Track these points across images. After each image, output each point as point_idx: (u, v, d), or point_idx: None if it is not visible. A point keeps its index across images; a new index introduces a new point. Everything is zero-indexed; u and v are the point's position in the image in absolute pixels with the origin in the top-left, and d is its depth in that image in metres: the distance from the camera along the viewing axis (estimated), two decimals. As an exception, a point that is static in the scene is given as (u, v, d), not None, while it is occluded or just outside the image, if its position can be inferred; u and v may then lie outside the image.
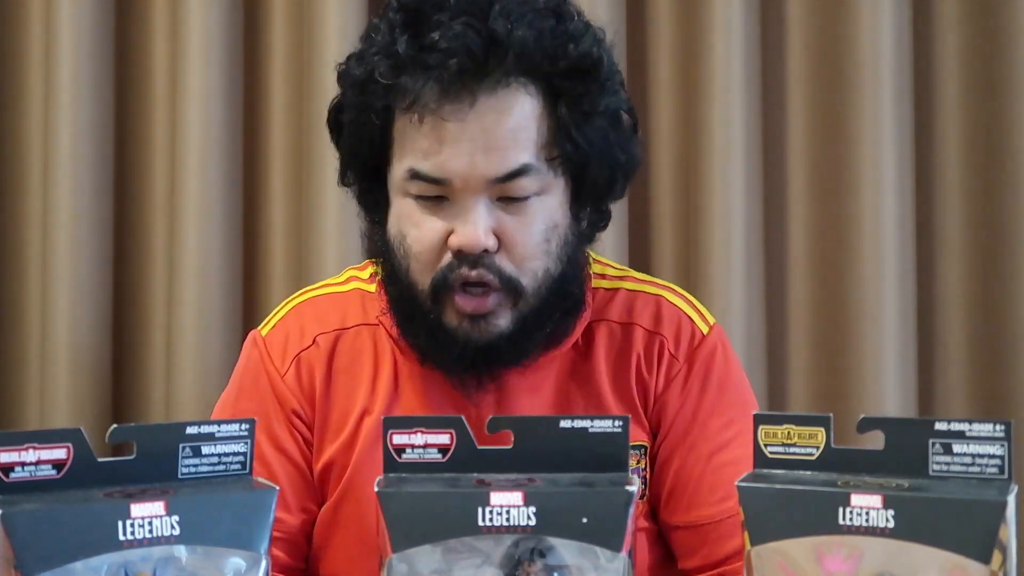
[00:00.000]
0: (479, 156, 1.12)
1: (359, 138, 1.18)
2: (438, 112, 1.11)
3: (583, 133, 1.15)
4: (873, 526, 0.76)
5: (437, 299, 1.17)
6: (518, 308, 1.16)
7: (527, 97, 1.13)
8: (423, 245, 1.16)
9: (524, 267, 1.16)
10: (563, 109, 1.14)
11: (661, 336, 1.25)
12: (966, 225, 1.83)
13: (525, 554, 0.79)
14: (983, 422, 0.78)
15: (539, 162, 1.14)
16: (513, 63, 1.11)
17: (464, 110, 1.11)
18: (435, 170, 1.13)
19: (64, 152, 1.83)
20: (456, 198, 1.14)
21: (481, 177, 1.12)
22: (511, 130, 1.12)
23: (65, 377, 1.82)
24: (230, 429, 0.81)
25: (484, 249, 1.13)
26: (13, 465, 0.75)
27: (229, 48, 1.84)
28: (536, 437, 0.84)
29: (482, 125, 1.11)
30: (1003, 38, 1.80)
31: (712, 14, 1.77)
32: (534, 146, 1.14)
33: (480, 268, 1.14)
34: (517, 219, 1.15)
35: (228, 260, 1.83)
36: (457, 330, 1.17)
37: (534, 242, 1.15)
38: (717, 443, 1.24)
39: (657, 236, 1.86)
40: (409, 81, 1.12)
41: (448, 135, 1.11)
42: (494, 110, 1.12)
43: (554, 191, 1.16)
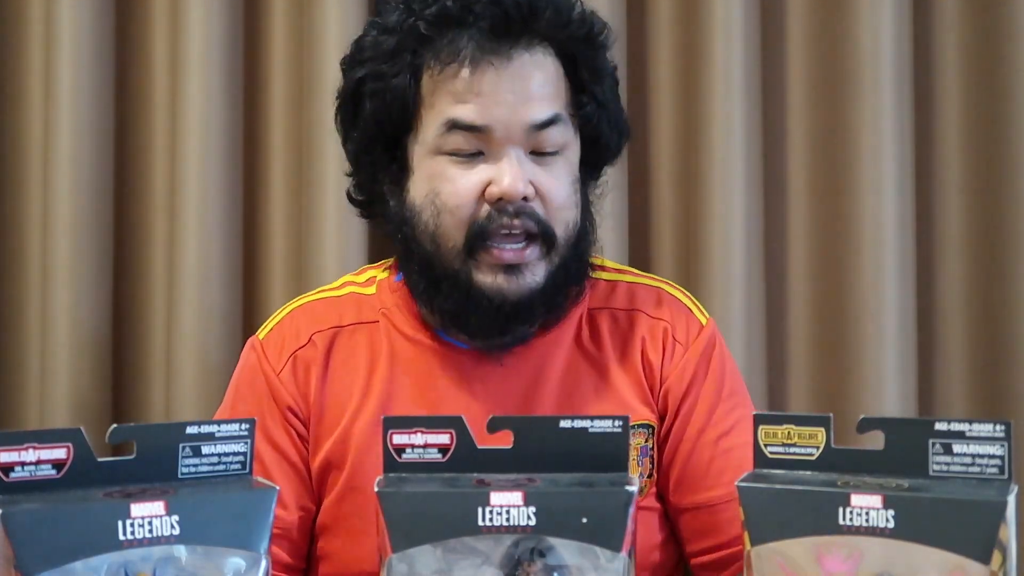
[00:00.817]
0: (518, 104, 1.20)
1: (384, 105, 1.23)
2: (479, 63, 1.19)
3: (598, 92, 1.26)
4: (873, 526, 0.76)
5: (472, 253, 1.21)
6: (550, 259, 1.23)
7: (552, 59, 1.23)
8: (460, 198, 1.20)
9: (557, 217, 1.22)
10: (583, 71, 1.25)
11: (664, 322, 1.30)
12: (966, 225, 1.83)
13: (525, 554, 0.79)
14: (983, 422, 0.78)
15: (566, 116, 1.24)
16: (544, 26, 1.22)
17: (503, 63, 1.20)
18: (478, 117, 1.20)
19: (64, 152, 1.83)
20: (492, 150, 1.20)
21: (521, 123, 1.20)
22: (543, 84, 1.22)
23: (65, 377, 1.82)
24: (230, 429, 0.81)
25: (523, 197, 1.19)
26: (13, 465, 0.75)
27: (229, 48, 1.84)
28: (536, 437, 0.84)
29: (519, 77, 1.20)
30: (1003, 38, 1.79)
31: (712, 14, 1.77)
32: (561, 100, 1.24)
33: (522, 217, 1.20)
34: (548, 171, 1.22)
35: (228, 260, 1.83)
36: (492, 286, 1.21)
37: (565, 193, 1.23)
38: (723, 428, 1.28)
39: (657, 236, 1.86)
40: (452, 34, 1.20)
41: (489, 84, 1.19)
42: (528, 65, 1.21)
43: (573, 149, 1.26)
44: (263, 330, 1.34)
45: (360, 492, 1.24)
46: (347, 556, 1.25)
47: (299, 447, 1.27)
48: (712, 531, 1.26)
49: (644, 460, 1.26)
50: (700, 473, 1.26)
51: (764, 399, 1.80)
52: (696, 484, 1.26)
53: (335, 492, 1.26)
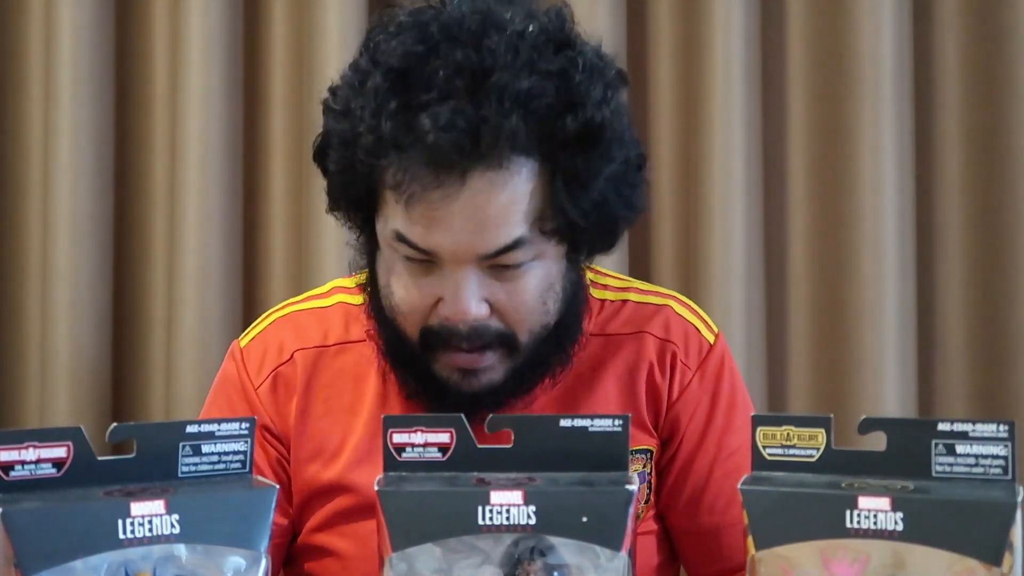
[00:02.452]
0: (469, 234, 1.06)
1: (344, 186, 1.12)
2: (425, 196, 1.04)
3: (578, 205, 1.08)
4: (881, 529, 0.75)
5: (427, 348, 1.13)
6: (512, 360, 1.13)
7: (521, 172, 1.06)
8: (411, 306, 1.11)
9: (520, 326, 1.11)
10: (559, 182, 1.07)
11: (672, 344, 1.23)
12: (966, 225, 1.83)
13: (525, 553, 0.79)
14: (986, 422, 0.78)
15: (532, 234, 1.08)
16: (505, 147, 1.04)
17: (454, 191, 1.04)
18: (423, 242, 1.07)
19: (64, 152, 1.83)
20: (445, 266, 1.08)
21: (470, 252, 1.07)
22: (503, 206, 1.06)
23: (65, 377, 1.82)
24: (230, 428, 0.81)
25: (474, 319, 1.09)
26: (13, 464, 0.75)
27: (229, 48, 1.84)
28: (536, 436, 0.84)
29: (473, 204, 1.05)
30: (1003, 38, 1.80)
31: (712, 14, 1.77)
32: (527, 220, 1.07)
33: (472, 335, 1.10)
34: (511, 285, 1.10)
35: (228, 260, 1.83)
36: (448, 380, 1.13)
37: (528, 307, 1.11)
38: (731, 449, 1.23)
39: (657, 236, 1.86)
40: (395, 160, 1.05)
41: (436, 215, 1.05)
42: (485, 189, 1.04)
43: (549, 255, 1.11)
44: (245, 336, 1.28)
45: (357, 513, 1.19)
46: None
47: (272, 464, 1.22)
48: (721, 554, 1.23)
49: (641, 487, 1.22)
50: (711, 495, 1.22)
51: (764, 399, 1.80)
52: (707, 506, 1.22)
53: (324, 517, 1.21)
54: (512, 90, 1.03)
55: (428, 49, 1.05)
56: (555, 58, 1.06)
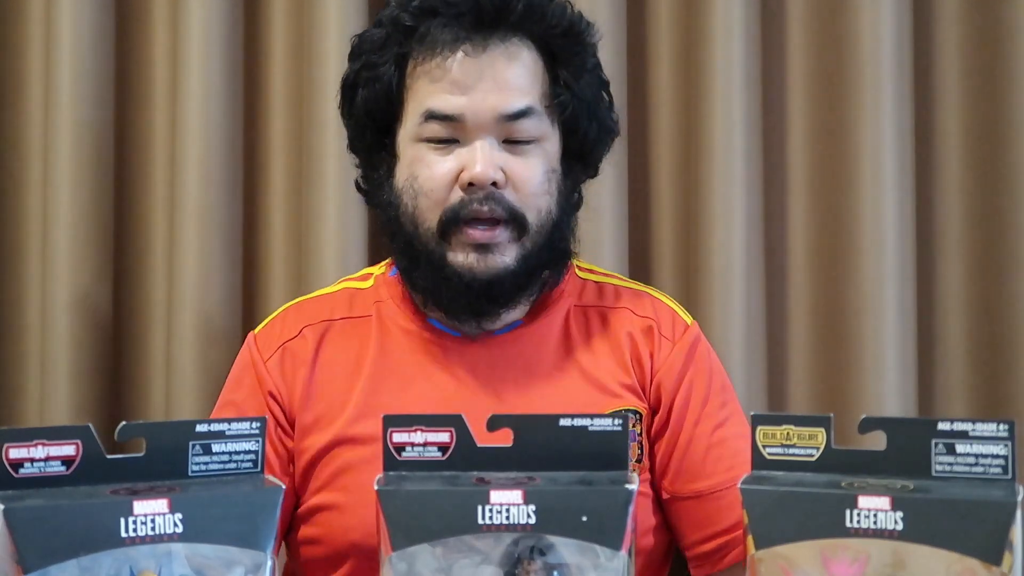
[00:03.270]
0: (490, 94, 1.25)
1: (374, 94, 1.29)
2: (454, 53, 1.25)
3: (577, 87, 1.29)
4: (881, 528, 0.75)
5: (445, 234, 1.26)
6: (522, 243, 1.27)
7: (529, 52, 1.28)
8: (435, 183, 1.26)
9: (529, 203, 1.27)
10: (560, 66, 1.29)
11: (650, 319, 1.35)
12: (966, 224, 1.83)
13: (525, 552, 0.79)
14: (986, 422, 0.78)
15: (540, 108, 1.27)
16: (518, 21, 1.26)
17: (478, 53, 1.25)
18: (450, 106, 1.25)
19: (64, 152, 1.83)
20: (466, 138, 1.26)
21: (491, 112, 1.25)
22: (518, 75, 1.27)
23: (65, 377, 1.82)
24: (241, 427, 0.81)
25: (493, 183, 1.24)
26: (23, 461, 0.75)
27: (229, 48, 1.84)
28: (536, 435, 0.84)
29: (493, 68, 1.25)
30: (1003, 37, 1.79)
31: (712, 14, 1.77)
32: (537, 93, 1.28)
33: (490, 203, 1.25)
34: (521, 160, 1.27)
35: (228, 260, 1.83)
36: (463, 265, 1.26)
37: (537, 181, 1.27)
38: (717, 419, 1.32)
39: (657, 236, 1.86)
40: (432, 25, 1.26)
41: (462, 73, 1.25)
42: (503, 56, 1.26)
43: (551, 140, 1.29)
44: (260, 326, 1.40)
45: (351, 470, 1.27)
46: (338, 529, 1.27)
47: (276, 432, 1.31)
48: (711, 519, 1.30)
49: (632, 445, 1.29)
50: (698, 461, 1.30)
51: (764, 399, 1.80)
52: (694, 473, 1.30)
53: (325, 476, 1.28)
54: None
55: None
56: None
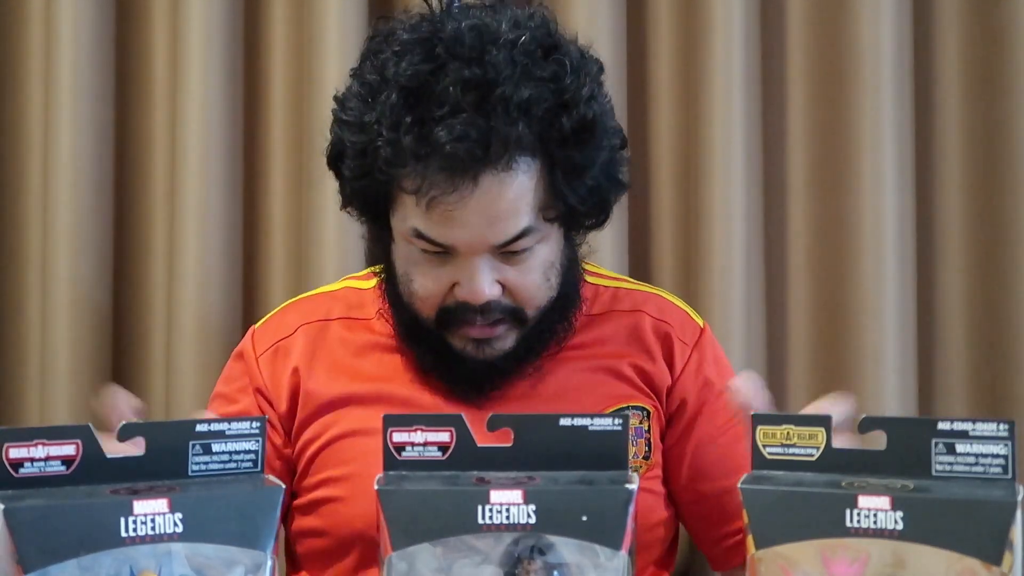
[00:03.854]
0: (482, 229, 1.18)
1: (361, 190, 1.24)
2: (442, 199, 1.16)
3: (576, 192, 1.21)
4: (881, 528, 0.75)
5: (443, 326, 1.25)
6: (522, 328, 1.25)
7: (524, 171, 1.18)
8: (428, 291, 1.23)
9: (528, 303, 1.24)
10: (558, 174, 1.20)
11: (667, 324, 1.34)
12: (966, 224, 1.83)
13: (525, 552, 0.79)
14: (986, 421, 0.78)
15: (537, 222, 1.21)
16: (512, 151, 1.16)
17: (468, 192, 1.16)
18: (439, 238, 1.19)
19: (64, 151, 1.83)
20: (460, 255, 1.20)
21: (484, 244, 1.19)
22: (511, 202, 1.18)
23: (65, 377, 1.82)
24: (241, 427, 0.81)
25: (488, 299, 1.21)
26: (23, 460, 0.75)
27: (229, 48, 1.84)
28: (536, 435, 0.84)
29: (485, 202, 1.17)
30: (1003, 37, 1.79)
31: (712, 14, 1.77)
32: (532, 211, 1.20)
33: (487, 313, 1.22)
34: (518, 268, 1.23)
35: (228, 260, 1.83)
36: (463, 351, 1.25)
37: (535, 284, 1.24)
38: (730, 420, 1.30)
39: (657, 236, 1.86)
40: (413, 170, 1.17)
41: (453, 214, 1.17)
42: (495, 189, 1.17)
43: (551, 237, 1.24)
44: (262, 320, 1.40)
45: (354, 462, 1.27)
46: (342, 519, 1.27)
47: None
48: (726, 517, 1.31)
49: (639, 441, 1.30)
50: (722, 458, 1.30)
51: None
52: (720, 469, 1.30)
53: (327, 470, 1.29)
54: (515, 100, 1.15)
55: (436, 67, 1.17)
56: (546, 64, 1.19)
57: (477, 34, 1.18)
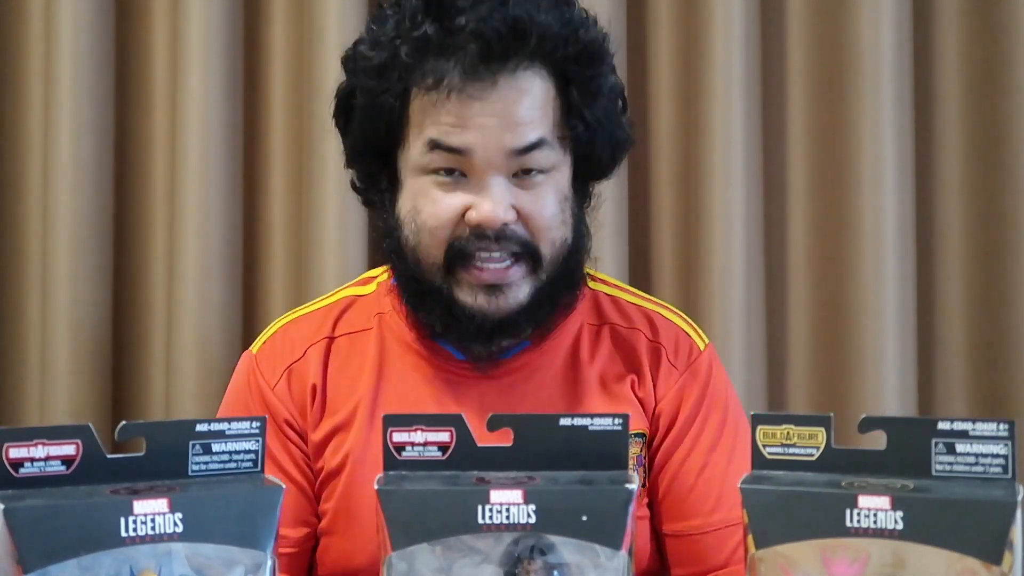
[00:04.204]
0: (500, 130, 1.16)
1: (373, 120, 1.20)
2: (463, 91, 1.14)
3: (591, 112, 1.20)
4: (881, 528, 0.75)
5: (451, 272, 1.19)
6: (537, 276, 1.20)
7: (541, 80, 1.18)
8: (439, 219, 1.18)
9: (543, 236, 1.19)
10: (574, 91, 1.19)
11: (660, 345, 1.29)
12: (966, 224, 1.83)
13: (525, 552, 0.79)
14: (986, 421, 0.78)
15: (552, 138, 1.19)
16: (532, 49, 1.16)
17: (487, 89, 1.15)
18: (458, 141, 1.16)
19: (64, 152, 1.83)
20: (474, 173, 1.17)
21: (501, 148, 1.16)
22: (529, 108, 1.17)
23: (65, 376, 1.82)
24: (241, 427, 0.81)
25: (503, 223, 1.16)
26: (23, 460, 0.75)
27: (229, 48, 1.84)
28: (536, 435, 0.84)
29: (504, 103, 1.16)
30: (1003, 37, 1.80)
31: (712, 14, 1.77)
32: (548, 123, 1.19)
33: (501, 242, 1.17)
34: (533, 194, 1.18)
35: (228, 260, 1.83)
36: (473, 305, 1.19)
37: (550, 213, 1.19)
38: (708, 458, 1.26)
39: (657, 236, 1.86)
40: (435, 62, 1.15)
41: (471, 111, 1.15)
42: (514, 90, 1.16)
43: (563, 167, 1.21)
44: (256, 344, 1.32)
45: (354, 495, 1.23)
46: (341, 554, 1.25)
47: (298, 462, 1.26)
48: (694, 558, 1.25)
49: (639, 469, 1.26)
50: (681, 499, 1.25)
51: (764, 399, 1.80)
52: (678, 511, 1.26)
53: (335, 497, 1.25)
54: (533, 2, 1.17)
55: None
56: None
57: None
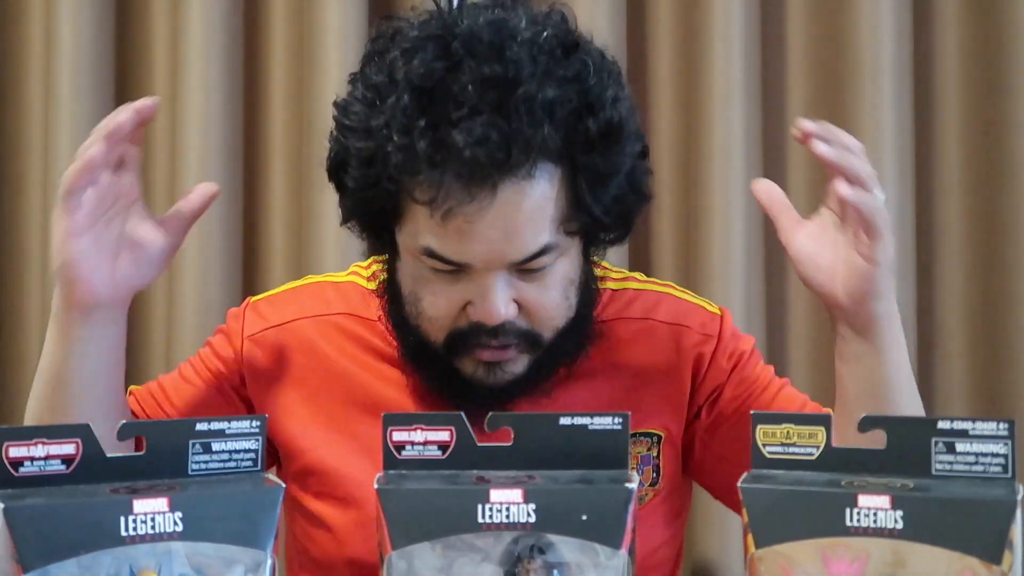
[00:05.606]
0: (499, 243, 1.08)
1: (366, 202, 1.13)
2: (459, 209, 1.06)
3: (600, 201, 1.11)
4: (881, 527, 0.75)
5: (452, 350, 1.16)
6: (534, 352, 1.16)
7: (546, 179, 1.09)
8: (439, 311, 1.14)
9: (545, 324, 1.15)
10: (582, 182, 1.10)
11: (683, 327, 1.26)
12: (966, 224, 1.83)
13: (525, 551, 0.79)
14: (986, 421, 0.78)
15: (557, 236, 1.11)
16: (536, 156, 1.06)
17: (485, 205, 1.06)
18: (454, 255, 1.10)
19: (64, 151, 1.83)
20: (474, 273, 1.11)
21: (502, 260, 1.10)
22: (531, 214, 1.09)
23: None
24: (241, 426, 0.81)
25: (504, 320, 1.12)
26: (23, 460, 0.75)
27: (229, 48, 1.84)
28: (536, 434, 0.84)
29: (503, 214, 1.07)
30: (1003, 38, 1.80)
31: (712, 14, 1.77)
32: (553, 224, 1.10)
33: (502, 336, 1.13)
34: (536, 286, 1.13)
35: (228, 258, 1.83)
36: (472, 376, 1.16)
37: (554, 304, 1.15)
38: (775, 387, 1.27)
39: (657, 236, 1.86)
40: (428, 174, 1.06)
41: (470, 228, 1.07)
42: (515, 199, 1.07)
43: (570, 252, 1.15)
44: (261, 296, 1.34)
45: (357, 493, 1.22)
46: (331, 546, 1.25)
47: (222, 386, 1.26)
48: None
49: (645, 469, 1.25)
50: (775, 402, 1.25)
51: (764, 399, 1.80)
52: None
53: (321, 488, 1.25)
54: (539, 100, 1.05)
55: (452, 65, 1.07)
56: (569, 62, 1.09)
57: (495, 30, 1.08)
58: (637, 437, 1.24)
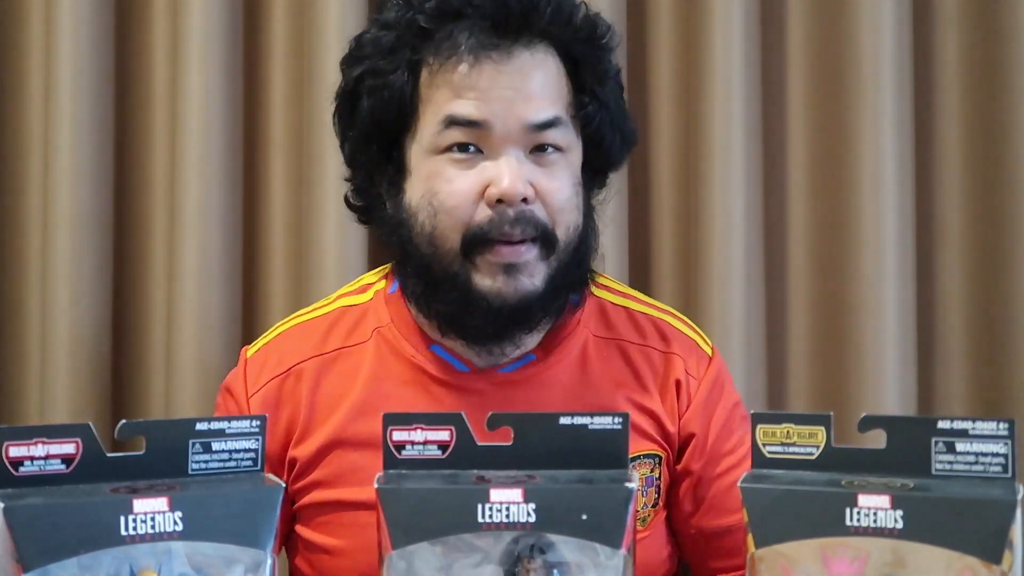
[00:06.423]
0: (517, 103, 1.17)
1: (382, 103, 1.20)
2: (480, 59, 1.17)
3: (602, 95, 1.23)
4: (881, 527, 0.75)
5: (469, 256, 1.18)
6: (550, 263, 1.19)
7: (553, 59, 1.20)
8: (458, 198, 1.17)
9: (558, 219, 1.19)
10: (584, 72, 1.22)
11: (676, 355, 1.29)
12: (966, 223, 1.83)
13: (525, 551, 0.79)
14: (986, 420, 0.78)
15: (567, 118, 1.20)
16: (544, 26, 1.19)
17: (503, 60, 1.17)
18: (476, 112, 1.17)
19: (64, 151, 1.82)
20: (491, 150, 1.18)
21: (520, 121, 1.17)
22: (544, 83, 1.19)
23: (65, 375, 1.82)
24: (241, 425, 0.81)
25: (523, 199, 1.16)
26: (22, 459, 0.75)
27: (229, 48, 1.84)
28: (536, 434, 0.84)
29: (520, 75, 1.18)
30: (1003, 38, 1.80)
31: (712, 14, 1.77)
32: (563, 102, 1.20)
33: (520, 224, 1.17)
34: (549, 173, 1.19)
35: (228, 260, 1.83)
36: (491, 289, 1.17)
37: (566, 195, 1.20)
38: (738, 455, 1.28)
39: (657, 236, 1.86)
40: (452, 26, 1.17)
41: (488, 79, 1.17)
42: (529, 63, 1.18)
43: (575, 151, 1.22)
44: (255, 345, 1.33)
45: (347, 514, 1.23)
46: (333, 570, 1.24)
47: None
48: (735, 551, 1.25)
49: (649, 491, 1.26)
50: (722, 498, 1.27)
51: (764, 399, 1.80)
52: (726, 507, 1.27)
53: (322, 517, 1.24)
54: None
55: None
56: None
57: None
58: (640, 459, 1.25)
